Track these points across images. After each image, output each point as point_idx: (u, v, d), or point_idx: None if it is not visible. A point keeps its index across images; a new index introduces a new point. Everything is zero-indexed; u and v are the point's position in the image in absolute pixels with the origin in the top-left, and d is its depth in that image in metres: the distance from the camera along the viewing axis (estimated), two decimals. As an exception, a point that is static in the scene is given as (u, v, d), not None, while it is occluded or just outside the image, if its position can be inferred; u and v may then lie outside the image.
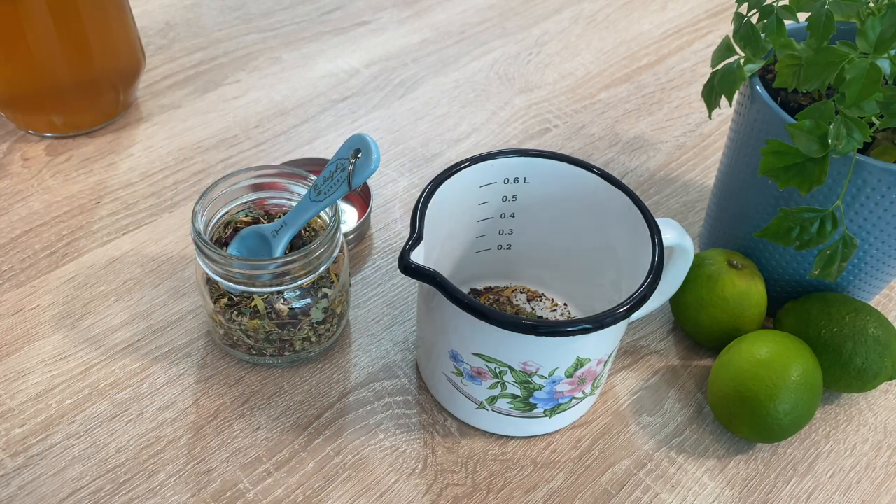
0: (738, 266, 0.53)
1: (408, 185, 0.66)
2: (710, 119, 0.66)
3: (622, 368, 0.55)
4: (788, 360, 0.48)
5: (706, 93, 0.53)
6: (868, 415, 0.53)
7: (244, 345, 0.51)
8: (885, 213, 0.47)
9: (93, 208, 0.62)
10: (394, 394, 0.52)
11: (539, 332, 0.41)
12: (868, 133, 0.43)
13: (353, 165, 0.46)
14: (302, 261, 0.47)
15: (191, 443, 0.49)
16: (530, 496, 0.48)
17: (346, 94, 0.74)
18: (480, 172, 0.50)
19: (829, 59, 0.43)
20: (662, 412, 0.52)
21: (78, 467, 0.47)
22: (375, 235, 0.62)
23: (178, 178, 0.65)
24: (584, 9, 0.87)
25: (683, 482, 0.49)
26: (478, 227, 0.53)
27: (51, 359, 0.53)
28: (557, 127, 0.73)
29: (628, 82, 0.78)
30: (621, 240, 0.50)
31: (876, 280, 0.53)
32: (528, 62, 0.80)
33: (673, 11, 0.88)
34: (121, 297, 0.56)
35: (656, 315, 0.58)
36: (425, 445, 0.50)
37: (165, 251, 0.60)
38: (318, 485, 0.48)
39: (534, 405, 0.47)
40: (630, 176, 0.68)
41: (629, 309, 0.42)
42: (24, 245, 0.59)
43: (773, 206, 0.51)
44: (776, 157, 0.45)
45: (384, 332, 0.56)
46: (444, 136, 0.71)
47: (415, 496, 0.47)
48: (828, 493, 0.49)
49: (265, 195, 0.53)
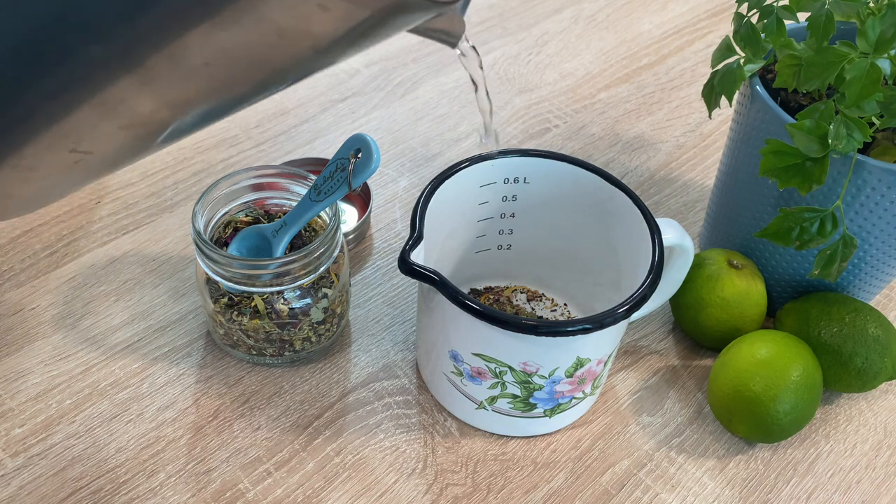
0: (738, 266, 0.53)
1: (408, 185, 0.66)
2: (710, 119, 0.66)
3: (622, 368, 0.55)
4: (788, 360, 0.48)
5: (706, 93, 0.53)
6: (868, 415, 0.53)
7: (244, 345, 0.51)
8: (885, 213, 0.47)
9: (93, 208, 0.62)
10: (394, 394, 0.52)
11: (539, 332, 0.41)
12: (868, 133, 0.43)
13: (353, 165, 0.46)
14: (302, 261, 0.47)
15: (191, 443, 0.49)
16: (530, 496, 0.48)
17: (346, 94, 0.74)
18: (480, 172, 0.50)
19: (829, 59, 0.43)
20: (662, 412, 0.52)
21: (78, 467, 0.47)
22: (375, 235, 0.62)
23: (178, 178, 0.65)
24: (584, 9, 0.87)
25: (683, 482, 0.49)
26: (478, 227, 0.53)
27: (51, 359, 0.53)
28: (557, 127, 0.73)
29: (628, 82, 0.78)
30: (621, 240, 0.50)
31: (876, 280, 0.53)
32: (528, 62, 0.80)
33: (673, 11, 0.88)
34: (121, 297, 0.56)
35: (656, 315, 0.58)
36: (425, 445, 0.50)
37: (165, 251, 0.60)
38: (318, 485, 0.48)
39: (534, 405, 0.47)
40: (630, 176, 0.68)
41: (629, 309, 0.42)
42: (24, 245, 0.59)
43: (773, 206, 0.51)
44: (776, 157, 0.45)
45: (384, 332, 0.56)
46: (444, 136, 0.71)
47: (415, 496, 0.47)
48: (828, 493, 0.49)
49: (265, 195, 0.53)
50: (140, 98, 0.30)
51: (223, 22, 0.27)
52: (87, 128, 0.31)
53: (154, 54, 0.28)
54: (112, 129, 0.31)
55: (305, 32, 0.29)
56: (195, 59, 0.28)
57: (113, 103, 0.30)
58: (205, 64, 0.29)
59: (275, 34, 0.28)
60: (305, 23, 0.28)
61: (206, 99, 0.32)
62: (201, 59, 0.28)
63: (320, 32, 0.29)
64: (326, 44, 0.30)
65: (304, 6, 0.27)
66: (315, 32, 0.29)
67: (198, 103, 0.32)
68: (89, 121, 0.30)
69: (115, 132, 0.32)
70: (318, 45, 0.30)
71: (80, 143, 0.32)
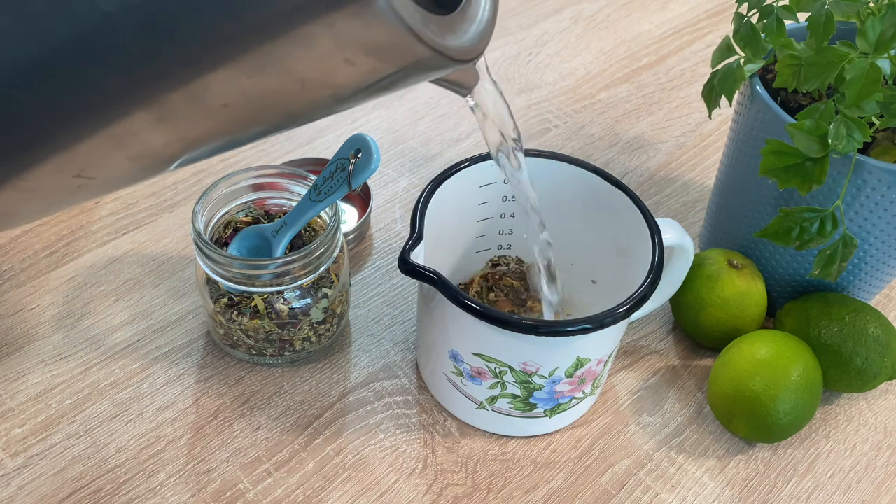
0: (738, 266, 0.53)
1: (408, 185, 0.66)
2: (710, 119, 0.66)
3: (622, 368, 0.55)
4: (788, 360, 0.48)
5: (706, 93, 0.53)
6: (868, 415, 0.53)
7: (244, 345, 0.51)
8: (885, 213, 0.47)
9: (93, 208, 0.62)
10: (394, 394, 0.52)
11: (539, 332, 0.41)
12: (868, 133, 0.43)
13: (353, 165, 0.46)
14: (302, 261, 0.47)
15: (191, 443, 0.49)
16: (530, 496, 0.48)
17: (346, 94, 0.74)
18: (480, 172, 0.50)
19: (829, 59, 0.43)
20: (662, 412, 0.52)
21: (78, 467, 0.47)
22: (375, 235, 0.62)
23: (178, 178, 0.65)
24: (584, 9, 0.87)
25: (683, 482, 0.49)
26: (478, 227, 0.53)
27: (51, 359, 0.53)
28: (557, 127, 0.73)
29: (628, 82, 0.78)
30: (621, 240, 0.50)
31: (876, 280, 0.53)
32: (527, 62, 0.80)
33: (673, 11, 0.88)
34: (121, 297, 0.56)
35: (656, 315, 0.58)
36: (425, 445, 0.50)
37: (165, 251, 0.60)
38: (318, 485, 0.48)
39: (534, 405, 0.47)
40: (630, 176, 0.68)
41: (629, 309, 0.42)
42: (24, 245, 0.59)
43: (773, 206, 0.51)
44: (776, 157, 0.45)
45: (384, 332, 0.56)
46: (444, 136, 0.71)
47: (415, 496, 0.47)
48: (828, 493, 0.49)
49: (265, 195, 0.53)
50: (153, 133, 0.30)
51: (249, 69, 0.27)
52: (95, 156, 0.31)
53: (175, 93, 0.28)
54: (120, 159, 0.32)
55: (328, 84, 0.29)
56: (215, 101, 0.29)
57: (124, 136, 0.30)
58: (223, 105, 0.29)
59: (298, 83, 0.28)
60: (330, 76, 0.28)
61: (218, 137, 0.32)
62: (221, 101, 0.29)
63: (343, 84, 0.29)
64: (347, 95, 0.30)
65: (332, 60, 0.27)
66: (338, 84, 0.29)
67: (209, 141, 0.32)
68: (99, 150, 0.31)
69: (122, 162, 0.32)
70: (339, 96, 0.30)
71: (85, 171, 0.32)
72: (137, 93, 0.28)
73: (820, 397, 0.49)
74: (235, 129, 0.32)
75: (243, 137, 0.33)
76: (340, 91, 0.30)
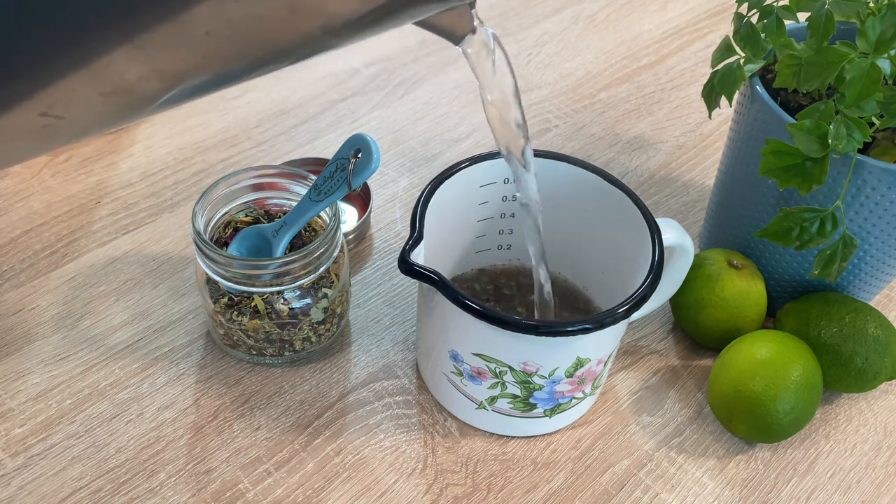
0: (738, 266, 0.53)
1: (408, 185, 0.66)
2: (710, 119, 0.66)
3: (622, 368, 0.55)
4: (788, 360, 0.48)
5: (706, 93, 0.53)
6: (868, 415, 0.53)
7: (244, 345, 0.51)
8: (885, 213, 0.47)
9: (93, 208, 0.62)
10: (394, 394, 0.52)
11: (539, 332, 0.41)
12: (868, 133, 0.43)
13: (353, 165, 0.46)
14: (302, 261, 0.47)
15: (191, 443, 0.49)
16: (530, 496, 0.48)
17: (346, 94, 0.74)
18: (480, 172, 0.50)
19: (829, 59, 0.43)
20: (662, 412, 0.52)
21: (78, 467, 0.47)
22: (375, 235, 0.62)
23: (178, 178, 0.65)
24: (584, 9, 0.87)
25: (683, 482, 0.49)
26: (478, 227, 0.53)
27: (51, 359, 0.53)
28: (557, 127, 0.73)
29: (628, 82, 0.78)
30: (621, 240, 0.50)
31: (876, 280, 0.53)
32: (528, 62, 0.80)
33: (673, 11, 0.88)
34: (121, 297, 0.56)
35: (656, 315, 0.58)
36: (425, 445, 0.50)
37: (165, 251, 0.60)
38: (318, 485, 0.48)
39: (534, 405, 0.47)
40: (630, 176, 0.68)
41: (629, 309, 0.42)
42: (24, 245, 0.59)
43: (773, 206, 0.51)
44: (776, 157, 0.45)
45: (384, 332, 0.56)
46: (444, 136, 0.71)
47: (415, 496, 0.47)
48: (828, 493, 0.49)
49: (265, 195, 0.53)
50: (129, 62, 0.27)
51: None
52: (64, 90, 0.28)
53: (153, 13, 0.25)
54: (92, 94, 0.29)
55: (318, 11, 0.28)
56: (197, 27, 0.26)
57: (98, 66, 0.27)
58: (206, 33, 0.27)
59: (286, 9, 0.27)
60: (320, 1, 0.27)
61: (198, 72, 0.30)
62: (204, 27, 0.27)
63: (333, 12, 0.28)
64: (337, 25, 0.29)
65: None
66: (328, 12, 0.28)
67: (188, 76, 0.30)
68: (69, 83, 0.27)
69: (94, 98, 0.29)
70: (328, 26, 0.29)
71: (52, 108, 0.29)
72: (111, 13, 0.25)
73: (820, 397, 0.49)
74: (216, 63, 0.29)
75: (223, 75, 0.31)
76: (330, 20, 0.28)
